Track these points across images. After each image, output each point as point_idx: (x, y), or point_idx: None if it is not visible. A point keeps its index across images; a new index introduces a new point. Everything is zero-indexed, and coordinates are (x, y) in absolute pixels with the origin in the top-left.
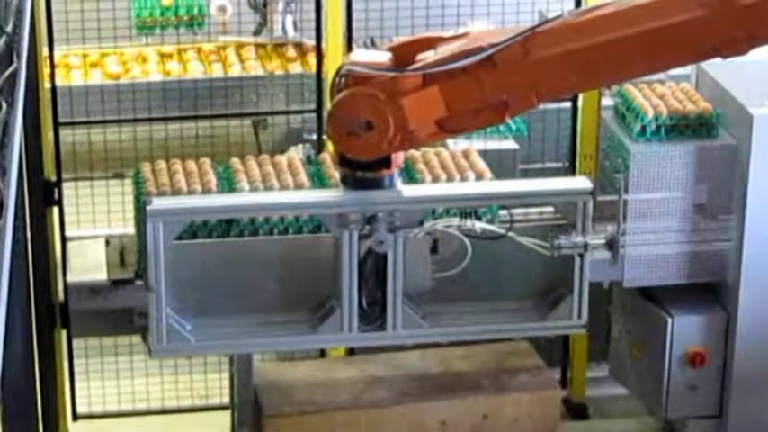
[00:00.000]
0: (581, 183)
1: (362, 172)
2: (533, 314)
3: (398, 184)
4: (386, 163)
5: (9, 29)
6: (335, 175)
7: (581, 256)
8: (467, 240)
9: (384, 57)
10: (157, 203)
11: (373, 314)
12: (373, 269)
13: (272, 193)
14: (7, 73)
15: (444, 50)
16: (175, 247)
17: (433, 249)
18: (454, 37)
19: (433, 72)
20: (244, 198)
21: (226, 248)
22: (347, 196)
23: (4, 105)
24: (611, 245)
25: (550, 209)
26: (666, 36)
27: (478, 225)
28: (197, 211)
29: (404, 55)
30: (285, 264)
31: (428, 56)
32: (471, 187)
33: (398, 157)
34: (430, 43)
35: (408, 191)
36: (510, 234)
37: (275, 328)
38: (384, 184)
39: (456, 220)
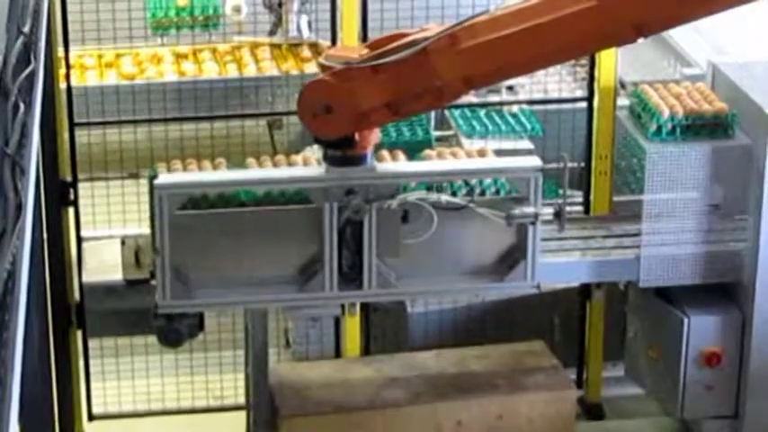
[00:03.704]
0: (532, 161)
1: (333, 150)
2: (491, 276)
3: (373, 161)
4: (349, 142)
5: (26, 29)
6: None
7: (533, 224)
8: (433, 211)
9: (356, 51)
10: (162, 178)
11: (352, 275)
12: (351, 236)
13: (262, 169)
14: (25, 73)
15: (392, 45)
16: (178, 217)
17: (404, 219)
18: (415, 32)
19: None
20: (236, 174)
21: (223, 218)
22: (329, 172)
23: (22, 106)
24: (559, 215)
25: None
26: (565, 26)
27: (443, 197)
28: (194, 185)
29: (379, 48)
30: (275, 231)
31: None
32: (436, 165)
33: (369, 138)
34: (397, 38)
35: (381, 167)
36: (471, 205)
37: (266, 288)
38: (360, 162)
39: (424, 193)
